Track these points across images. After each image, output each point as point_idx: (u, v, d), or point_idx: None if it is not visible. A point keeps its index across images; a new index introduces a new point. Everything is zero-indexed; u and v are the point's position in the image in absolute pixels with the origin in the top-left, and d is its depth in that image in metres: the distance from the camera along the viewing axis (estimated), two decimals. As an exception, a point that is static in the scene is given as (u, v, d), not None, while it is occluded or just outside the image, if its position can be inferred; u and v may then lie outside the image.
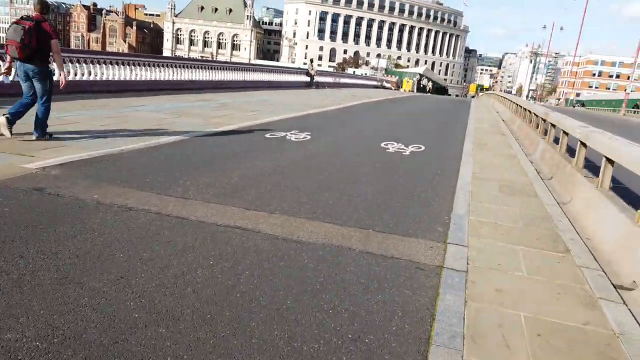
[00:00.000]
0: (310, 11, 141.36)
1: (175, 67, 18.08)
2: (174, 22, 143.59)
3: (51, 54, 7.03)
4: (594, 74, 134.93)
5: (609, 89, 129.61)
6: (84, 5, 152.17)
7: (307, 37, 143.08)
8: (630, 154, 4.82)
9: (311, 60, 32.96)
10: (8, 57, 7.00)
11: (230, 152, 7.72)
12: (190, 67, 19.20)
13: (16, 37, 6.54)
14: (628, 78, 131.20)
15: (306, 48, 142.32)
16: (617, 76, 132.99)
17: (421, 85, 52.32)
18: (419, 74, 56.79)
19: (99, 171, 5.71)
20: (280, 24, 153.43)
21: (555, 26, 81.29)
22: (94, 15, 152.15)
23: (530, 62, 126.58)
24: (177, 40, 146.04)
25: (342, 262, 3.70)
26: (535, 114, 12.62)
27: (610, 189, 5.38)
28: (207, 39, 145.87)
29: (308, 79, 31.17)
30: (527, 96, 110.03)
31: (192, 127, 9.71)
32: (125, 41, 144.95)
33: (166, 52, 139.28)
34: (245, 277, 3.32)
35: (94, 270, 3.23)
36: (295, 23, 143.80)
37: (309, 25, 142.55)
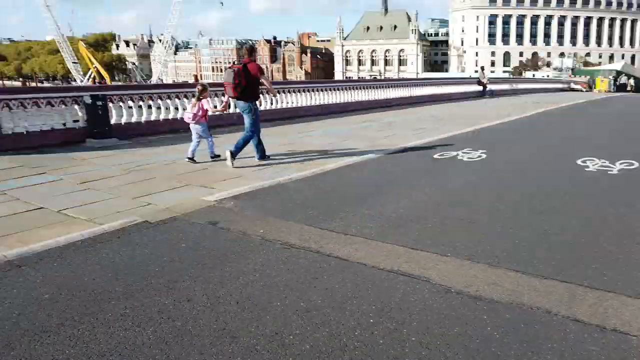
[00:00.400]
0: (477, 16, 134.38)
1: (341, 89, 18.52)
2: (342, 45, 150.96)
3: (261, 88, 8.25)
4: None
5: None
6: (266, 40, 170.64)
7: (477, 44, 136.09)
8: None
9: (482, 68, 30.84)
10: (225, 97, 8.59)
11: (395, 177, 7.25)
12: (355, 89, 19.47)
13: (229, 79, 7.77)
14: None
15: (476, 55, 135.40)
16: None
17: (619, 84, 44.67)
18: (616, 71, 48.62)
19: (266, 203, 5.79)
20: (447, 34, 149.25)
21: None
22: (274, 48, 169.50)
23: None
24: (347, 62, 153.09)
25: (540, 335, 2.84)
26: None
27: None
28: (374, 58, 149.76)
29: (480, 88, 29.11)
30: None
31: (357, 151, 9.54)
32: (301, 68, 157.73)
33: (337, 74, 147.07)
34: (412, 345, 2.75)
35: (250, 321, 3.04)
36: (463, 31, 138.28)
37: (477, 31, 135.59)
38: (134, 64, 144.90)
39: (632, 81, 45.56)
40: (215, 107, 8.86)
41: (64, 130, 9.58)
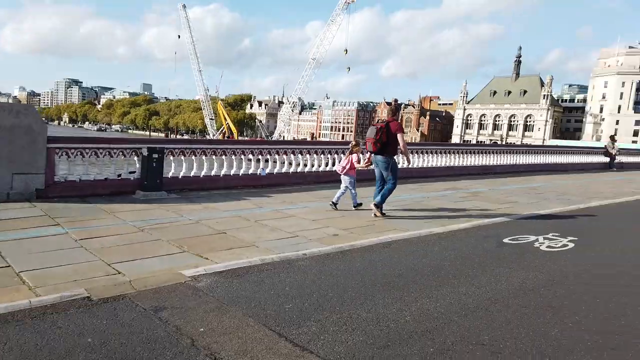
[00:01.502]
0: (623, 82, 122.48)
1: (427, 153, 17.09)
2: (464, 109, 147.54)
3: (399, 147, 8.61)
4: None
5: None
6: (386, 102, 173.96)
7: (619, 111, 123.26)
8: None
9: (612, 137, 26.94)
10: (367, 152, 9.00)
11: (433, 267, 5.77)
12: (445, 153, 17.87)
13: (372, 135, 8.42)
14: None
15: (617, 123, 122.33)
16: None
17: None
18: None
19: (244, 285, 4.81)
20: (584, 100, 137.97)
21: None
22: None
23: None
24: (467, 126, 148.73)
25: None
26: None
27: None
28: (497, 122, 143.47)
29: (607, 159, 25.26)
30: None
31: (413, 226, 8.16)
32: (417, 130, 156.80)
33: (455, 138, 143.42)
34: None
35: None
36: (604, 97, 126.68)
37: (621, 98, 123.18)
38: (260, 121, 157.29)
39: None
40: (359, 161, 9.36)
41: (118, 181, 9.73)
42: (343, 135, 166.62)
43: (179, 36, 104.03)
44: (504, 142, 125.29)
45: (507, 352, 3.51)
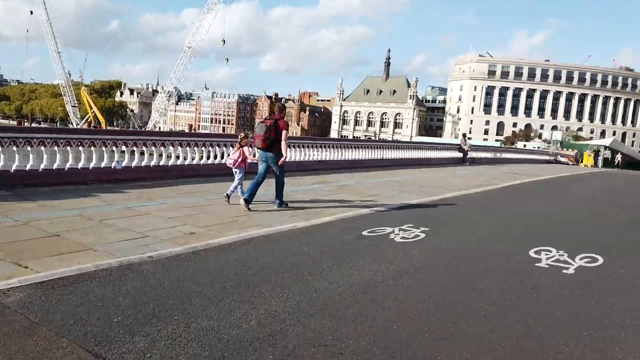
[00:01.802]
0: (475, 86, 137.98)
1: (304, 147, 17.23)
2: (341, 106, 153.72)
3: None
4: None
5: None
6: (267, 96, 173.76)
7: (472, 112, 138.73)
8: None
9: (464, 135, 29.97)
10: (255, 148, 9.15)
11: (289, 265, 5.58)
12: (320, 147, 18.20)
13: (261, 132, 8.64)
14: None
15: (471, 123, 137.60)
16: None
17: (605, 158, 43.93)
18: (605, 147, 48.12)
19: (66, 298, 4.11)
20: (444, 101, 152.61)
21: None
22: (274, 104, 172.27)
23: None
24: (344, 122, 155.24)
25: None
26: None
27: None
28: (370, 119, 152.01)
29: (461, 155, 28.03)
30: None
31: (278, 219, 7.97)
32: (298, 124, 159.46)
33: (333, 133, 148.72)
34: None
35: None
36: (460, 99, 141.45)
37: (474, 100, 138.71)
38: (132, 110, 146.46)
39: (619, 157, 44.91)
40: (254, 155, 9.45)
41: None
42: (224, 128, 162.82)
43: (31, 12, 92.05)
44: (377, 138, 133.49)
45: (348, 352, 3.41)
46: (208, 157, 13.71)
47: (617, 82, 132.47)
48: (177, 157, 12.70)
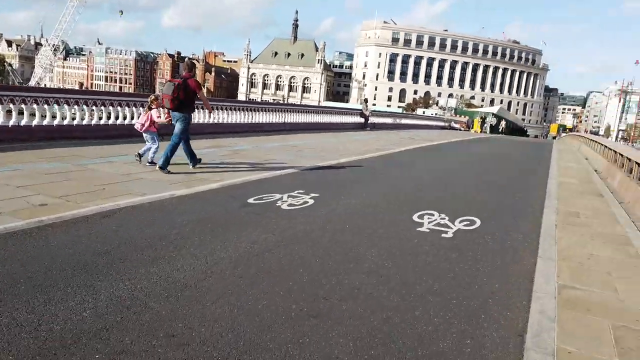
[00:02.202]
0: (380, 53, 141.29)
1: (197, 108, 16.12)
2: (249, 68, 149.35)
3: (197, 102, 8.91)
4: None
5: None
6: (169, 54, 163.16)
7: (377, 79, 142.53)
8: None
9: (365, 100, 30.45)
10: (165, 108, 8.87)
11: (155, 239, 4.93)
12: (218, 109, 17.20)
13: (169, 92, 8.40)
14: None
15: (375, 89, 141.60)
16: None
17: (492, 125, 47.58)
18: (492, 114, 52.01)
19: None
20: (351, 67, 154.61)
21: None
22: (177, 64, 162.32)
23: (619, 100, 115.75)
24: (252, 85, 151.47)
25: None
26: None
27: None
28: (279, 83, 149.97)
29: (362, 120, 28.45)
30: (616, 137, 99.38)
31: (156, 186, 7.17)
32: (204, 86, 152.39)
33: (241, 96, 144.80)
34: None
35: None
36: (365, 65, 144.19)
37: (378, 67, 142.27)
38: (10, 65, 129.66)
39: (503, 124, 48.84)
40: (159, 117, 9.22)
41: None
42: (121, 87, 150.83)
43: None
44: (286, 102, 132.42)
45: (196, 341, 2.94)
46: (92, 118, 12.22)
47: (505, 53, 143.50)
48: (44, 117, 11.10)
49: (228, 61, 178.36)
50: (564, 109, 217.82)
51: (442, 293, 4.07)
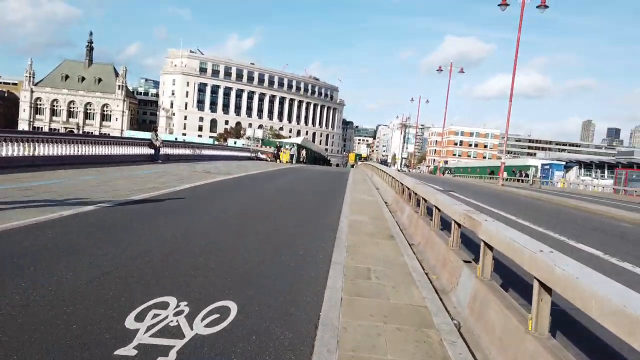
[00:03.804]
0: (188, 82, 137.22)
1: None
2: (32, 91, 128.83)
3: None
4: (456, 143, 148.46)
5: (469, 156, 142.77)
6: None
7: (186, 108, 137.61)
8: None
9: (154, 129, 27.02)
10: None
11: None
12: None
13: None
14: (485, 147, 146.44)
15: (185, 119, 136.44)
16: (476, 145, 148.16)
17: (298, 155, 48.66)
18: (297, 144, 53.30)
19: None
20: (157, 95, 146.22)
21: (420, 101, 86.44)
22: None
23: (401, 133, 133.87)
24: (37, 111, 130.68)
25: None
26: (437, 207, 7.97)
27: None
28: (72, 109, 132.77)
29: (152, 151, 24.86)
30: (400, 164, 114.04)
31: None
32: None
33: (22, 124, 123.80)
34: None
35: None
36: (173, 94, 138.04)
37: (187, 96, 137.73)
38: None
39: (304, 153, 50.48)
40: None
41: None
42: None
43: None
44: (81, 132, 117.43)
45: None
46: None
47: (307, 88, 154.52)
48: None
49: (5, 83, 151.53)
50: (359, 139, 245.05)
51: None
